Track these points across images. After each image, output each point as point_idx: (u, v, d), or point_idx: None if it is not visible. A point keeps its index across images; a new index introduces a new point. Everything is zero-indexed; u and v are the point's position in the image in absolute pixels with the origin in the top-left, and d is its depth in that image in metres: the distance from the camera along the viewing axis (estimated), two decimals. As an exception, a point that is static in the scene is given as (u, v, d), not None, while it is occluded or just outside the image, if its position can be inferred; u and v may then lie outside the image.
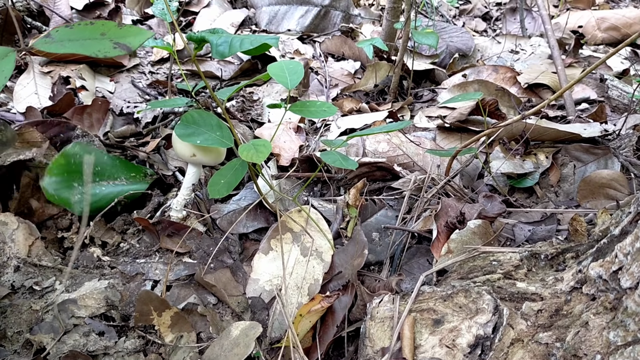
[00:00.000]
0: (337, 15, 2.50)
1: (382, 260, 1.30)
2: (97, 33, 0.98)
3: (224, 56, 1.03)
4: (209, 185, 1.10)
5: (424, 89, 2.14)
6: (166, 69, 2.13)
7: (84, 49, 0.96)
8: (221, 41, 1.04)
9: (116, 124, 1.78)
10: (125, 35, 0.98)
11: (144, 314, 1.05)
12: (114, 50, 0.97)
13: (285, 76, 1.18)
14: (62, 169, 1.26)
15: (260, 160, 1.01)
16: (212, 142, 1.11)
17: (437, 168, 1.50)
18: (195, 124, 1.14)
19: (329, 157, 1.11)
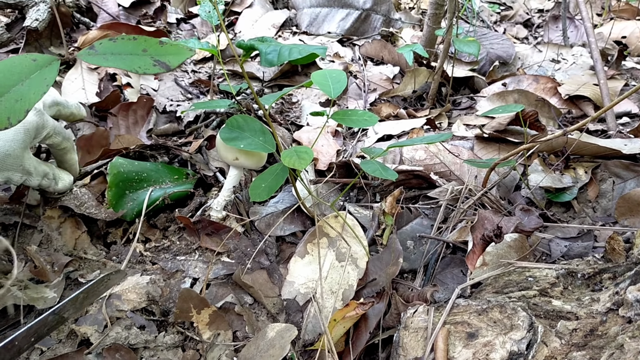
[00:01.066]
0: (378, 19, 2.51)
1: (416, 268, 1.31)
2: (139, 49, 1.01)
3: (273, 64, 1.05)
4: (250, 188, 1.13)
5: (462, 97, 2.14)
6: (208, 68, 2.17)
7: (125, 64, 0.99)
8: (270, 50, 1.07)
9: (159, 122, 1.82)
10: (165, 53, 1.01)
11: (184, 311, 1.09)
12: (154, 67, 0.99)
13: (328, 85, 1.20)
14: (117, 180, 1.32)
15: (302, 167, 1.04)
16: (255, 147, 1.14)
17: (474, 179, 1.51)
18: (240, 128, 1.17)
19: (369, 166, 1.13)
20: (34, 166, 1.10)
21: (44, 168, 1.14)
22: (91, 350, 1.04)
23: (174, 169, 1.49)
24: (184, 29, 2.41)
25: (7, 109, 0.92)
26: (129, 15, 2.31)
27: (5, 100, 0.92)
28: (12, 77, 0.96)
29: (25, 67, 0.98)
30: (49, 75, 0.99)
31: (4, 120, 0.93)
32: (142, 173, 1.41)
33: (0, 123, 0.93)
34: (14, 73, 0.97)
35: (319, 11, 2.52)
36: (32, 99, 0.96)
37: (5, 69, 0.98)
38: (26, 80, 0.96)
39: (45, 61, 1.00)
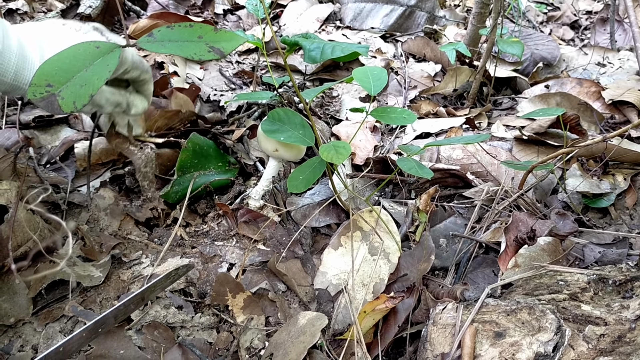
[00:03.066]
0: (422, 16, 2.51)
1: (448, 266, 1.32)
2: (195, 35, 1.04)
3: (316, 61, 1.08)
4: (288, 180, 1.17)
5: (504, 97, 2.13)
6: (252, 60, 2.21)
7: (182, 50, 1.02)
8: (313, 47, 1.10)
9: (203, 110, 1.87)
10: (219, 39, 1.04)
11: (220, 294, 1.13)
12: (209, 54, 1.03)
13: (369, 82, 1.22)
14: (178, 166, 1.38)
15: (339, 161, 1.06)
16: (294, 140, 1.17)
17: (511, 180, 1.51)
18: (280, 121, 1.21)
19: (405, 164, 1.15)
20: (105, 98, 1.12)
21: (117, 98, 1.16)
22: (132, 326, 1.10)
23: (220, 156, 1.53)
24: (230, 20, 2.46)
25: (72, 93, 0.97)
26: (178, 5, 2.36)
27: (71, 85, 0.97)
28: (76, 63, 1.00)
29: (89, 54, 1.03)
30: (111, 62, 1.04)
31: (70, 104, 0.98)
32: (194, 159, 1.46)
33: (66, 107, 0.99)
34: (79, 59, 1.03)
35: (363, 6, 2.54)
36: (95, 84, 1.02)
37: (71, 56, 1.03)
38: (90, 66, 1.01)
39: (107, 48, 1.06)
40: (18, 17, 2.25)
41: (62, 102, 1.04)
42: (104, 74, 1.10)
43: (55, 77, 1.05)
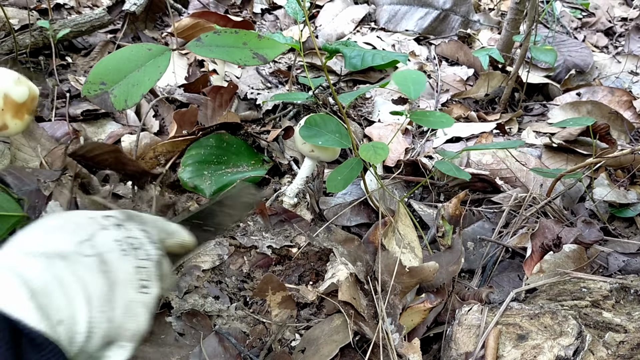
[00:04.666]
0: (456, 19, 2.54)
1: (474, 269, 1.37)
2: (240, 42, 1.10)
3: (356, 68, 1.12)
4: (327, 180, 1.22)
5: (535, 103, 2.16)
6: (288, 59, 2.27)
7: (228, 55, 1.08)
8: (354, 54, 1.14)
9: (240, 108, 1.94)
10: (263, 47, 1.10)
11: (262, 291, 1.20)
12: (253, 60, 1.09)
13: (409, 86, 1.27)
14: (193, 160, 1.44)
15: (377, 161, 1.12)
16: (332, 143, 1.23)
17: (539, 187, 1.54)
18: (317, 126, 1.26)
19: (443, 166, 1.20)
20: None
21: None
22: (172, 313, 1.17)
23: (253, 154, 1.60)
24: (268, 19, 2.52)
25: (124, 92, 1.04)
26: (218, 4, 2.43)
27: (123, 84, 1.04)
28: (129, 64, 1.07)
29: (141, 56, 1.10)
30: (162, 64, 1.11)
31: (122, 102, 1.05)
32: (222, 156, 1.53)
33: (118, 105, 1.06)
34: (132, 60, 1.09)
35: (398, 8, 2.58)
36: (146, 84, 1.08)
37: (124, 56, 1.10)
38: (142, 67, 1.08)
39: (159, 50, 1.12)
40: (65, 11, 2.35)
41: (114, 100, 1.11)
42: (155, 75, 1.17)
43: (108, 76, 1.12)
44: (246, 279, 1.29)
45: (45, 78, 1.88)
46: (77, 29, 2.01)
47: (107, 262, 0.70)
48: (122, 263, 0.72)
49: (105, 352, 0.70)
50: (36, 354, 0.59)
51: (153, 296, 0.75)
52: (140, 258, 0.75)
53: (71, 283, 0.65)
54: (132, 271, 0.73)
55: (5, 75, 0.71)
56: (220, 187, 1.46)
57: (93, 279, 0.67)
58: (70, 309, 0.64)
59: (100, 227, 0.75)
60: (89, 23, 2.04)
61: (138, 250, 0.76)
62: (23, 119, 0.72)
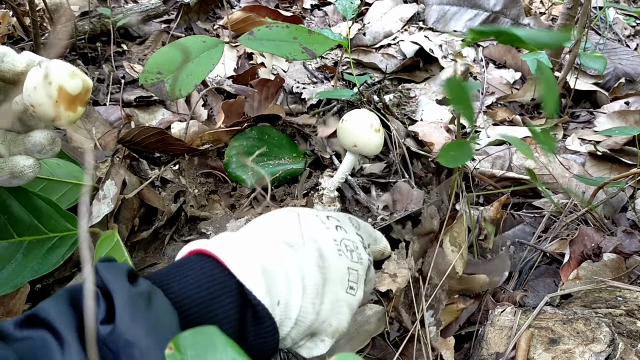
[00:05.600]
0: (506, 22, 2.52)
1: (512, 272, 1.38)
2: (290, 36, 1.13)
3: None
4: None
5: (582, 110, 2.13)
6: (334, 55, 2.30)
7: (278, 49, 1.11)
8: None
9: (285, 101, 1.98)
10: (312, 42, 1.13)
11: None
12: (302, 54, 1.12)
13: None
14: (237, 151, 1.49)
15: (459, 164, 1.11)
16: None
17: (581, 194, 1.54)
18: None
19: None
20: None
21: None
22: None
23: (294, 147, 1.63)
24: (317, 15, 2.55)
25: (179, 82, 1.09)
26: None
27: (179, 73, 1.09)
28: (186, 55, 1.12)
29: (195, 47, 1.15)
30: (215, 56, 1.15)
31: (176, 91, 1.10)
32: (264, 148, 1.57)
33: (172, 94, 1.11)
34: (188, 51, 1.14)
35: (447, 9, 2.57)
36: (200, 75, 1.13)
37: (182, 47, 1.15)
38: (196, 59, 1.13)
39: (213, 43, 1.17)
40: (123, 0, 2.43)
41: (169, 89, 1.16)
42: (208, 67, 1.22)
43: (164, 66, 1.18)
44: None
45: (102, 64, 1.95)
46: (133, 17, 2.08)
47: (325, 258, 0.76)
48: (336, 262, 0.77)
49: (307, 343, 0.77)
50: (256, 325, 0.68)
51: (358, 298, 0.80)
52: (353, 260, 0.80)
53: (293, 270, 0.71)
54: (344, 271, 0.78)
55: (61, 68, 0.74)
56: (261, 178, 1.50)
57: (311, 271, 0.73)
58: (288, 293, 0.69)
59: (323, 226, 0.81)
60: (145, 12, 2.11)
61: (352, 253, 0.81)
62: (76, 111, 0.76)
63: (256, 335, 0.67)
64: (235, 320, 0.65)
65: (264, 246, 0.72)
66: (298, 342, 0.75)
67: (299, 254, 0.73)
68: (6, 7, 1.96)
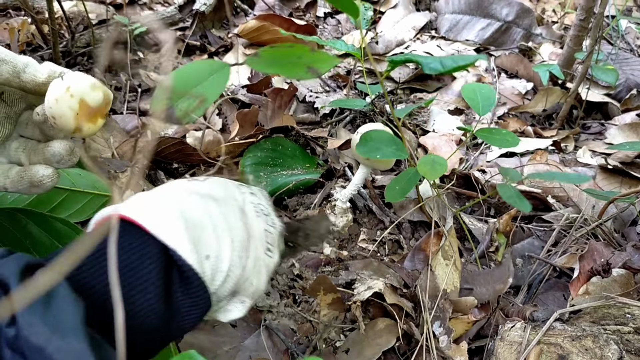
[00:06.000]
0: (518, 32, 2.53)
1: (521, 285, 1.39)
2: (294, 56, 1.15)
3: (438, 71, 1.13)
4: (386, 190, 1.27)
5: (593, 121, 2.14)
6: (347, 64, 2.32)
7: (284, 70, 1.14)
8: (430, 60, 1.16)
9: (298, 110, 2.00)
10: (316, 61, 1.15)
11: (315, 290, 1.25)
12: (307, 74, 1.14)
13: (477, 102, 1.30)
14: (251, 162, 1.52)
15: (433, 177, 1.16)
16: (390, 156, 1.26)
17: (591, 208, 1.55)
18: (373, 140, 1.30)
19: (505, 191, 1.23)
20: None
21: None
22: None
23: (307, 157, 1.66)
24: (330, 23, 2.58)
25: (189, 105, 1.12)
26: (283, 7, 2.51)
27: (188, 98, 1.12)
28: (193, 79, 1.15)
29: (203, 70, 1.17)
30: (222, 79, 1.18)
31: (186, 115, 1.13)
32: (278, 159, 1.60)
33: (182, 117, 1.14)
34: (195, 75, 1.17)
35: (460, 18, 2.59)
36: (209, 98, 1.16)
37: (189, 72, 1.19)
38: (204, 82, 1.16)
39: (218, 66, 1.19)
40: (138, 7, 2.47)
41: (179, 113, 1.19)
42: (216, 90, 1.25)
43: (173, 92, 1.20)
44: (296, 278, 1.35)
45: (118, 72, 1.99)
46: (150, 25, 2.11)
47: (246, 215, 0.77)
48: (256, 222, 0.79)
49: (227, 305, 0.75)
50: (183, 286, 0.65)
51: (274, 261, 0.82)
52: (268, 224, 0.82)
53: (221, 222, 0.71)
54: (262, 232, 0.80)
55: (83, 80, 0.75)
56: (275, 188, 1.53)
57: (237, 224, 0.73)
58: (218, 246, 0.69)
59: (239, 189, 0.83)
60: (161, 21, 2.14)
61: (267, 217, 0.83)
62: (96, 123, 0.77)
63: (184, 297, 0.65)
64: (159, 285, 0.62)
65: (186, 200, 0.70)
66: (220, 302, 0.73)
67: (223, 208, 0.73)
68: (25, 15, 2.00)
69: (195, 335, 1.20)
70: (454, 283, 1.33)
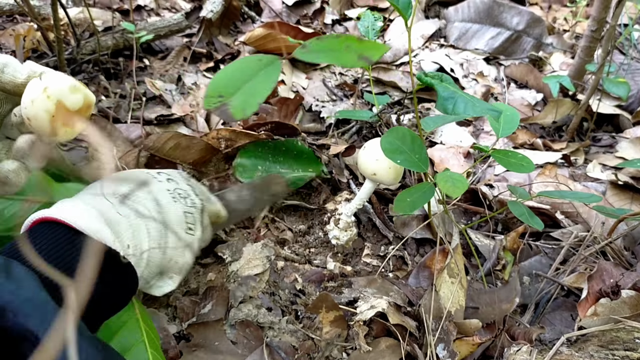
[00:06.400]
0: (529, 41, 2.50)
1: (527, 304, 1.36)
2: (342, 45, 1.13)
3: (447, 112, 1.10)
4: (396, 200, 1.23)
5: (604, 134, 2.11)
6: (354, 72, 2.30)
7: (335, 59, 1.11)
8: (447, 95, 1.12)
9: (304, 119, 1.98)
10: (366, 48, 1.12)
11: (317, 307, 1.23)
12: (359, 61, 1.11)
13: (499, 123, 1.27)
14: (249, 155, 1.49)
15: (456, 195, 1.12)
16: (410, 165, 1.19)
17: (601, 225, 1.52)
18: (400, 140, 1.23)
19: (516, 209, 1.20)
20: None
21: None
22: (227, 321, 1.22)
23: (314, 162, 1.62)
24: (337, 30, 2.55)
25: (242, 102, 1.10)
26: (290, 14, 2.49)
27: (240, 94, 1.10)
28: (244, 75, 1.13)
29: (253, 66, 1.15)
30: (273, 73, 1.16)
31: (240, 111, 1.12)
32: (279, 157, 1.57)
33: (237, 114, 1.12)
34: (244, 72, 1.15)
35: (469, 26, 2.56)
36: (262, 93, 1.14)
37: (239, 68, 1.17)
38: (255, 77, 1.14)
39: (269, 61, 1.17)
40: (145, 13, 2.45)
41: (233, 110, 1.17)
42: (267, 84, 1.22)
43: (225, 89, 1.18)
44: (299, 293, 1.33)
45: (124, 79, 1.97)
46: (156, 32, 2.10)
47: (161, 205, 0.87)
48: (173, 208, 0.89)
49: (157, 282, 0.89)
50: (112, 269, 0.76)
51: (197, 237, 0.94)
52: (188, 205, 0.93)
53: (135, 218, 0.81)
54: (181, 214, 0.90)
55: (61, 81, 0.71)
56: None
57: (150, 215, 0.84)
58: (136, 237, 0.80)
59: (155, 179, 0.93)
60: (167, 28, 2.13)
61: (186, 199, 0.94)
62: (74, 127, 0.74)
63: (114, 279, 0.76)
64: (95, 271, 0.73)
65: (102, 202, 0.80)
66: (149, 281, 0.86)
67: (137, 204, 0.84)
68: (31, 21, 1.99)
69: (196, 353, 1.18)
70: (459, 302, 1.30)
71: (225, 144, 1.56)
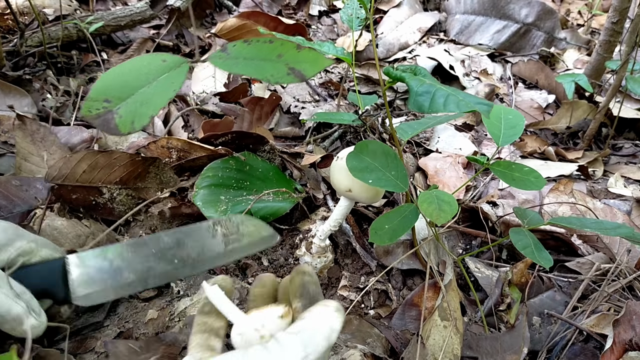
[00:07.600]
0: (539, 36, 2.23)
1: (538, 351, 1.11)
2: (274, 54, 0.89)
3: (422, 111, 0.87)
4: (371, 228, 0.99)
5: (625, 141, 1.84)
6: (341, 69, 2.05)
7: (256, 71, 0.88)
8: (422, 90, 0.89)
9: (281, 122, 1.73)
10: (302, 60, 0.88)
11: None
12: (287, 77, 0.87)
13: (499, 128, 1.03)
14: (209, 182, 1.23)
15: (441, 222, 0.88)
16: (385, 184, 0.96)
17: (627, 253, 1.26)
18: (370, 156, 1.00)
19: (520, 240, 0.95)
20: None
21: None
22: None
23: (284, 180, 1.37)
24: (325, 23, 2.30)
25: (132, 112, 0.84)
26: (272, 4, 2.24)
27: (131, 102, 0.85)
28: (140, 78, 0.89)
29: (154, 68, 0.90)
30: (177, 79, 0.91)
31: (128, 124, 0.86)
32: (245, 181, 1.31)
33: (123, 127, 0.86)
34: (142, 74, 0.90)
35: (472, 19, 2.30)
36: (157, 103, 0.88)
37: (136, 68, 0.91)
38: (153, 82, 0.88)
39: (174, 63, 0.92)
40: (111, 2, 2.22)
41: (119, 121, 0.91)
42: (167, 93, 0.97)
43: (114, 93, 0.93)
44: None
45: (77, 74, 1.73)
46: (115, 22, 1.86)
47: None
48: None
49: None
50: None
51: None
52: None
53: None
54: None
55: None
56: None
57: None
58: None
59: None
60: (129, 17, 1.89)
61: None
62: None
63: None
64: None
65: None
66: None
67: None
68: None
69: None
70: (453, 351, 1.05)
71: (177, 155, 1.31)
